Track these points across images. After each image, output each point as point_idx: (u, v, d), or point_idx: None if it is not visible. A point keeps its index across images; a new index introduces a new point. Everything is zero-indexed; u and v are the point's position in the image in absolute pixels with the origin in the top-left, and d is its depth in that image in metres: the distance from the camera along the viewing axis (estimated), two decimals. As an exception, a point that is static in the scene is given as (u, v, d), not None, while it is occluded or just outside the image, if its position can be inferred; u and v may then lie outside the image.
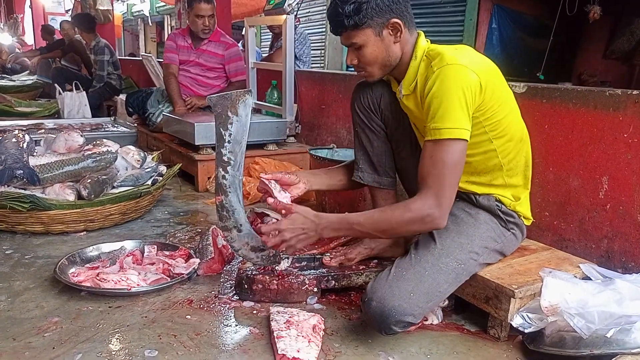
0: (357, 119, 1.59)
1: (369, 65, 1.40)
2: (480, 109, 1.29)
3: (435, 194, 1.24)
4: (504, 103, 1.35)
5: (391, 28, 1.34)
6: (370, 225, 1.31)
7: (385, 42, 1.36)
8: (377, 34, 1.34)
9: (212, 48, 3.36)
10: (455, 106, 1.23)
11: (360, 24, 1.32)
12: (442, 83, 1.25)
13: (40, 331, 1.36)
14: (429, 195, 1.25)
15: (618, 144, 1.58)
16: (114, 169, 2.25)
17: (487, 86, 1.28)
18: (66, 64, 6.05)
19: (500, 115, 1.33)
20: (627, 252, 1.58)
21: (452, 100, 1.23)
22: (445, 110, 1.23)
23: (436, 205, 1.24)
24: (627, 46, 5.46)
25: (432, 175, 1.25)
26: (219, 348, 1.31)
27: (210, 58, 3.37)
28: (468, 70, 1.25)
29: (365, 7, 1.30)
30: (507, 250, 1.49)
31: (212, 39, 3.35)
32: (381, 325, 1.27)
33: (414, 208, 1.26)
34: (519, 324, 1.34)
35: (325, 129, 3.13)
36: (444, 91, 1.24)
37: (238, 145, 1.43)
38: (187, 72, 3.42)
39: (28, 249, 1.93)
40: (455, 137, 1.23)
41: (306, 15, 8.02)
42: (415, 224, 1.27)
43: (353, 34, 1.35)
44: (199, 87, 3.44)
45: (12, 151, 2.09)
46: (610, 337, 1.17)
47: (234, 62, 3.33)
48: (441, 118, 1.24)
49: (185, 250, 1.81)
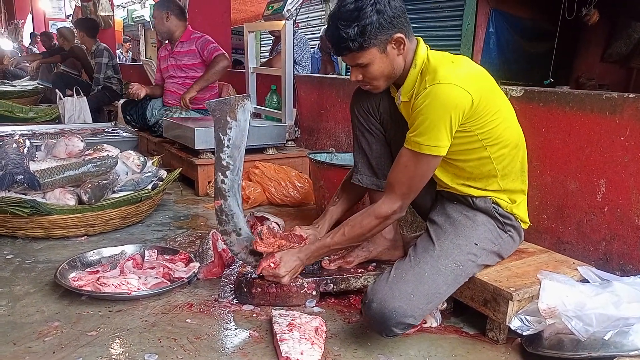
0: (356, 122, 1.60)
1: (374, 80, 1.41)
2: (471, 120, 1.31)
3: (402, 200, 1.38)
4: (497, 112, 1.36)
5: (394, 43, 1.34)
6: (346, 241, 1.47)
7: (390, 57, 1.36)
8: (381, 51, 1.34)
9: (185, 47, 3.45)
10: (439, 126, 1.27)
11: (365, 45, 1.32)
12: (431, 102, 1.27)
13: (40, 335, 1.36)
14: (395, 200, 1.37)
15: (615, 147, 1.59)
16: (114, 173, 2.25)
17: (479, 101, 1.29)
18: (66, 69, 6.07)
19: (494, 124, 1.35)
20: (625, 254, 1.59)
21: (437, 120, 1.27)
22: (428, 127, 1.27)
23: (400, 207, 1.38)
24: (625, 49, 5.49)
25: (401, 183, 1.36)
26: (219, 352, 1.31)
27: (184, 56, 3.44)
28: (459, 90, 1.26)
29: (369, 29, 1.29)
30: (505, 252, 1.49)
31: (183, 39, 3.44)
32: (382, 327, 1.27)
33: (382, 214, 1.39)
34: (517, 326, 1.34)
35: (325, 133, 3.14)
36: (430, 110, 1.27)
37: (237, 150, 1.44)
38: (171, 78, 3.49)
39: (29, 253, 1.94)
40: (433, 154, 1.30)
41: (305, 20, 8.06)
42: (383, 225, 1.44)
43: (358, 55, 1.34)
44: (184, 88, 3.46)
45: (12, 156, 2.10)
46: (608, 340, 1.17)
47: (206, 48, 3.39)
48: (423, 133, 1.28)
49: (185, 254, 1.81)
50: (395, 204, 1.37)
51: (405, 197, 1.37)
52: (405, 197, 1.37)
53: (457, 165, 1.43)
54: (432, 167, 1.36)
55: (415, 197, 1.40)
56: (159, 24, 3.43)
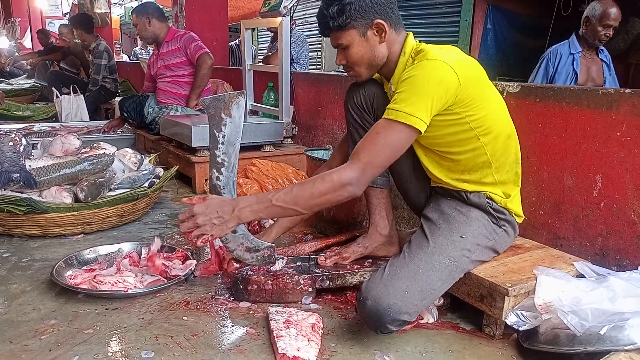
0: (350, 118, 1.61)
1: (356, 65, 1.43)
2: (460, 103, 1.31)
3: (362, 168, 1.25)
4: (487, 100, 1.36)
5: (376, 29, 1.37)
6: (292, 201, 1.27)
7: (371, 43, 1.39)
8: (361, 34, 1.37)
9: (170, 46, 3.46)
10: (420, 96, 1.24)
11: (343, 25, 1.36)
12: (416, 73, 1.27)
13: (37, 334, 1.36)
14: (354, 168, 1.25)
15: (611, 143, 1.59)
16: (111, 171, 2.25)
17: (467, 82, 1.29)
18: (66, 66, 6.05)
19: (484, 112, 1.35)
20: (621, 249, 1.59)
21: (420, 90, 1.24)
22: (409, 96, 1.24)
23: (357, 178, 1.25)
24: (622, 45, 5.48)
25: (367, 150, 1.26)
26: (215, 349, 1.31)
27: (171, 55, 3.45)
28: (446, 66, 1.26)
29: (348, 9, 1.34)
30: (500, 247, 1.50)
31: (168, 39, 3.46)
32: (377, 324, 1.27)
33: (336, 178, 1.25)
34: (513, 322, 1.34)
35: (322, 130, 3.14)
36: (414, 80, 1.26)
37: (232, 147, 1.44)
38: (162, 77, 3.50)
39: (25, 252, 1.94)
40: (408, 123, 1.24)
41: (302, 17, 8.04)
42: (334, 192, 1.26)
43: (339, 35, 1.38)
44: (175, 85, 3.47)
45: (8, 154, 2.10)
46: (603, 335, 1.17)
47: (189, 46, 3.39)
48: (402, 101, 1.25)
49: (182, 252, 1.81)
50: (354, 172, 1.24)
51: (367, 166, 1.25)
52: (366, 167, 1.25)
53: (451, 159, 1.43)
54: (403, 141, 1.26)
55: (376, 175, 1.30)
56: (142, 31, 3.44)
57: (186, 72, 3.43)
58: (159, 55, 3.50)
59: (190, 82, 3.43)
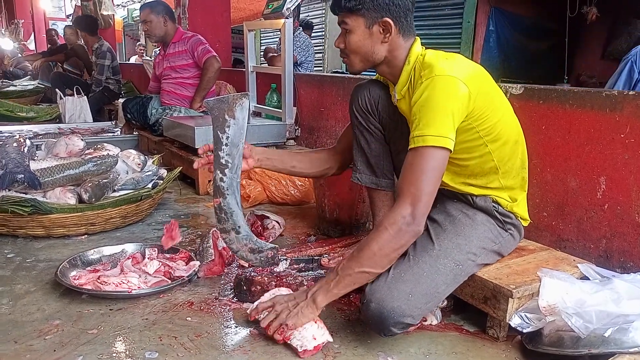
0: (355, 121, 1.60)
1: (352, 54, 1.43)
2: (471, 116, 1.30)
3: (411, 202, 1.20)
4: (495, 108, 1.36)
5: (382, 26, 1.37)
6: (356, 262, 1.25)
7: (373, 38, 1.38)
8: (367, 25, 1.37)
9: (177, 47, 3.46)
10: (441, 115, 1.23)
11: (354, 9, 1.36)
12: (430, 94, 1.25)
13: (41, 334, 1.36)
14: (403, 205, 1.21)
15: (615, 145, 1.59)
16: (114, 172, 2.26)
17: (477, 94, 1.29)
18: (69, 67, 6.08)
19: (494, 120, 1.34)
20: (625, 251, 1.59)
21: (439, 110, 1.23)
22: (431, 119, 1.23)
23: (411, 214, 1.20)
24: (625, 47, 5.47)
25: (409, 183, 1.22)
26: (219, 349, 1.32)
27: (177, 57, 3.45)
28: (457, 81, 1.25)
29: None
30: (505, 250, 1.49)
31: (175, 40, 3.45)
32: (380, 326, 1.27)
33: (390, 221, 1.21)
34: (517, 323, 1.34)
35: (325, 132, 3.14)
36: (430, 101, 1.25)
37: (235, 148, 1.44)
38: (167, 78, 3.50)
39: (29, 252, 1.94)
40: (438, 145, 1.22)
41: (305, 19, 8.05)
42: (397, 238, 1.21)
43: (347, 16, 1.39)
44: (179, 87, 3.48)
45: (13, 155, 2.11)
46: (608, 337, 1.17)
47: (197, 49, 3.38)
48: (426, 126, 1.23)
49: (185, 253, 1.82)
50: (405, 209, 1.20)
51: (416, 200, 1.20)
52: (415, 200, 1.20)
53: (458, 164, 1.42)
54: (440, 162, 1.23)
55: (429, 204, 1.23)
56: (156, 29, 3.39)
57: (191, 74, 3.43)
58: (165, 56, 3.50)
59: (195, 85, 3.43)
